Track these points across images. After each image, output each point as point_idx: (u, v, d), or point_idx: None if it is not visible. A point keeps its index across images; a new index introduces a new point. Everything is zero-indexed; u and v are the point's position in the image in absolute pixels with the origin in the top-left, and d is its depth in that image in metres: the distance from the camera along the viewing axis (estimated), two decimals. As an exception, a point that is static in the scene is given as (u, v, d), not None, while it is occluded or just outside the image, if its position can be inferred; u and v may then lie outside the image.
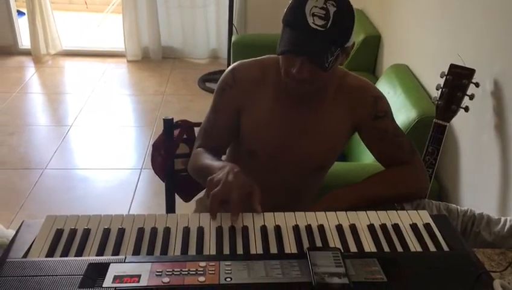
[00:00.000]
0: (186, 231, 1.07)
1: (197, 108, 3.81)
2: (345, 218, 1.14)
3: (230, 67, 1.40)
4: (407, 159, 1.39)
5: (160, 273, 0.91)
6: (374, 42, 3.12)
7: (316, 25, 1.14)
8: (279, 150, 1.37)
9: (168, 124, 1.63)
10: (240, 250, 1.03)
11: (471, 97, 1.73)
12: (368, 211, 1.16)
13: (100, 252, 1.01)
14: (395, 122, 1.41)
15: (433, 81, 1.93)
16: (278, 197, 1.36)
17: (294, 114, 1.35)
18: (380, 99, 1.38)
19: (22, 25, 4.70)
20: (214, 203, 1.10)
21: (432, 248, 1.06)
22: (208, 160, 1.31)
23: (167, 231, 1.07)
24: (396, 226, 1.12)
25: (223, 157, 1.49)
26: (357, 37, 3.10)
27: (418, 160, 1.42)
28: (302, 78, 1.21)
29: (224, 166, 1.19)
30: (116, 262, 0.94)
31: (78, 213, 1.12)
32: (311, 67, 1.19)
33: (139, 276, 0.91)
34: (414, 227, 1.11)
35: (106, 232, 1.06)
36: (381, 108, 1.37)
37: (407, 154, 1.39)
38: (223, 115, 1.39)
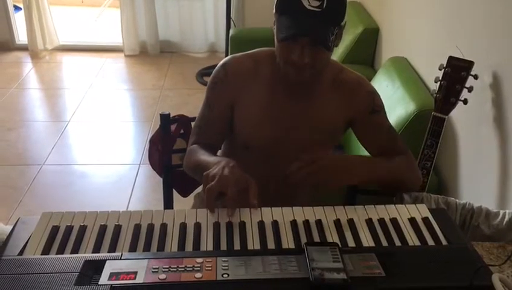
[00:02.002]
0: (183, 227, 1.07)
1: (195, 102, 3.79)
2: (343, 213, 1.14)
3: (221, 61, 1.39)
4: (402, 151, 1.39)
5: (156, 269, 0.91)
6: (372, 35, 3.10)
7: (312, 6, 1.15)
8: (274, 143, 1.37)
9: (165, 119, 1.62)
10: (237, 246, 1.02)
11: (470, 90, 1.72)
12: (366, 206, 1.16)
13: (96, 249, 1.00)
14: (388, 119, 1.42)
15: (431, 74, 1.92)
16: (273, 190, 1.36)
17: (288, 107, 1.35)
18: (376, 95, 1.39)
19: (18, 20, 4.67)
20: (210, 198, 1.10)
21: (431, 242, 1.05)
22: (204, 156, 1.30)
23: (164, 227, 1.06)
24: (394, 221, 1.11)
25: (218, 152, 1.49)
26: (356, 30, 3.09)
27: (411, 155, 1.43)
28: (304, 63, 1.20)
29: (220, 161, 1.18)
30: (112, 259, 0.94)
31: (76, 209, 1.12)
32: (312, 51, 1.19)
33: (135, 273, 0.90)
34: (412, 221, 1.11)
35: (102, 229, 1.05)
36: (376, 103, 1.38)
37: (402, 149, 1.40)
38: (217, 110, 1.38)
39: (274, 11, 1.24)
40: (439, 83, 1.77)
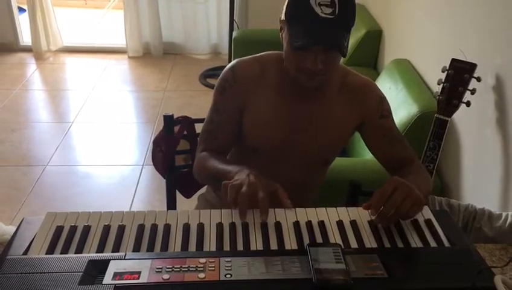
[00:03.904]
0: (187, 227, 1.07)
1: (198, 104, 3.81)
2: (345, 214, 1.14)
3: (229, 65, 1.38)
4: (411, 158, 1.39)
5: (160, 269, 0.91)
6: (375, 37, 3.10)
7: (325, 13, 1.15)
8: (282, 146, 1.37)
9: (168, 120, 1.62)
10: (240, 246, 1.02)
11: (473, 92, 1.72)
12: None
13: (100, 249, 1.01)
14: (395, 124, 1.42)
15: (434, 76, 1.92)
16: None
17: (296, 110, 1.35)
18: (384, 99, 1.39)
19: (22, 22, 4.69)
20: (243, 203, 1.08)
21: (433, 244, 1.06)
22: (219, 164, 1.29)
23: (167, 227, 1.07)
24: (397, 222, 1.11)
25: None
26: (359, 32, 3.09)
27: (418, 159, 1.42)
28: (317, 70, 1.21)
29: (241, 169, 1.18)
30: (116, 259, 0.94)
31: (80, 209, 1.12)
32: (324, 58, 1.20)
33: (139, 273, 0.91)
34: (415, 223, 1.11)
35: (106, 229, 1.06)
36: (385, 107, 1.38)
37: (410, 155, 1.40)
38: (227, 114, 1.37)
39: (283, 18, 1.23)
40: (441, 85, 1.77)
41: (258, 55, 1.39)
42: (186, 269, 0.91)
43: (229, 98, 1.37)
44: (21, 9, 4.86)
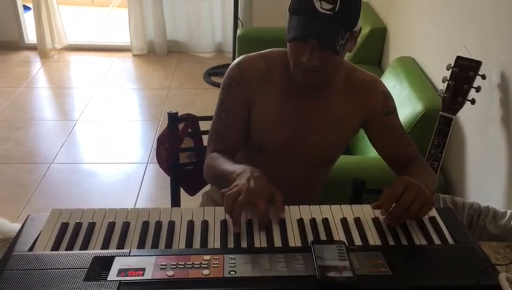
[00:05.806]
0: (191, 224, 1.07)
1: (202, 102, 3.81)
2: (349, 211, 1.14)
3: (235, 61, 1.37)
4: (416, 155, 1.39)
5: (164, 266, 0.92)
6: (379, 35, 3.10)
7: (324, 9, 1.14)
8: (288, 145, 1.36)
9: (173, 118, 1.63)
10: (244, 243, 1.03)
11: (478, 89, 1.71)
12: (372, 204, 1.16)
13: (105, 245, 1.01)
14: (400, 121, 1.41)
15: (439, 74, 1.91)
16: (285, 190, 1.35)
17: (301, 109, 1.34)
18: (389, 95, 1.38)
19: (27, 20, 4.71)
20: (237, 214, 1.05)
21: (437, 241, 1.05)
22: (224, 164, 1.26)
23: (172, 224, 1.07)
24: (401, 220, 1.11)
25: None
26: (363, 30, 3.07)
27: (423, 158, 1.42)
28: (313, 66, 1.20)
29: (244, 171, 1.14)
30: (120, 255, 0.95)
31: (84, 207, 1.13)
32: (321, 54, 1.18)
33: (143, 269, 0.91)
34: (419, 220, 1.11)
35: (111, 226, 1.06)
36: (390, 104, 1.37)
37: (416, 153, 1.39)
38: (235, 112, 1.35)
39: (287, 11, 1.24)
40: (446, 82, 1.77)
41: (263, 51, 1.38)
42: (191, 266, 0.92)
43: (237, 96, 1.35)
44: (26, 8, 4.87)
